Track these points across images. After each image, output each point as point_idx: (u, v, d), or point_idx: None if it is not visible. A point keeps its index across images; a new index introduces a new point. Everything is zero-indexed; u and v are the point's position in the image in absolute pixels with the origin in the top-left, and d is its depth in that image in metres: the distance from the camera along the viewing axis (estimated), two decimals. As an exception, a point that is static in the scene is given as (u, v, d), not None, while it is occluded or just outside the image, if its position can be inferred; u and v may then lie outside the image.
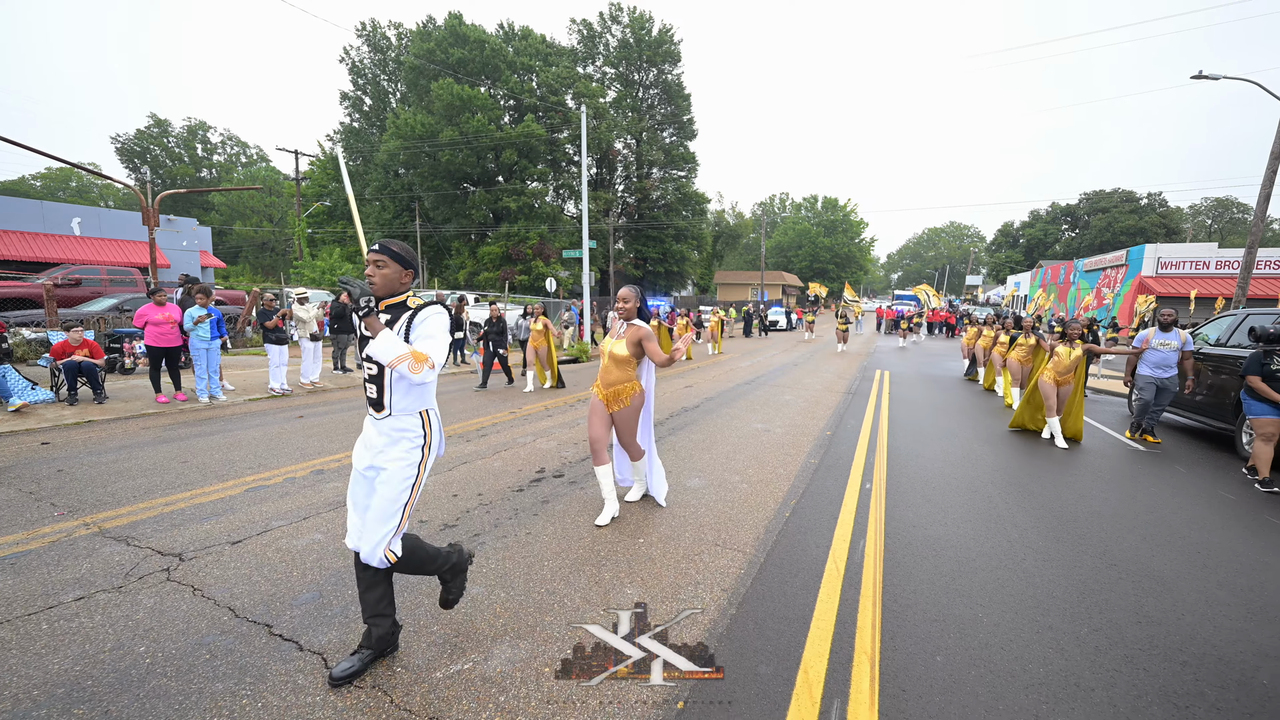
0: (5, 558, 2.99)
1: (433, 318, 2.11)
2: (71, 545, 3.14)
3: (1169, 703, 2.07)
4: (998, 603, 2.78)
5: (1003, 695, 2.09)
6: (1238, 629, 2.60)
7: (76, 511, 3.63)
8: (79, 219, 16.04)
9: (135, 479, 4.32)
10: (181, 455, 4.99)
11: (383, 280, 2.10)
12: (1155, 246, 29.18)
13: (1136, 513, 4.14)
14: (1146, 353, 6.52)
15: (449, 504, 3.96)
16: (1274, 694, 2.14)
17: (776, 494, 4.30)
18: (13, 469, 4.53)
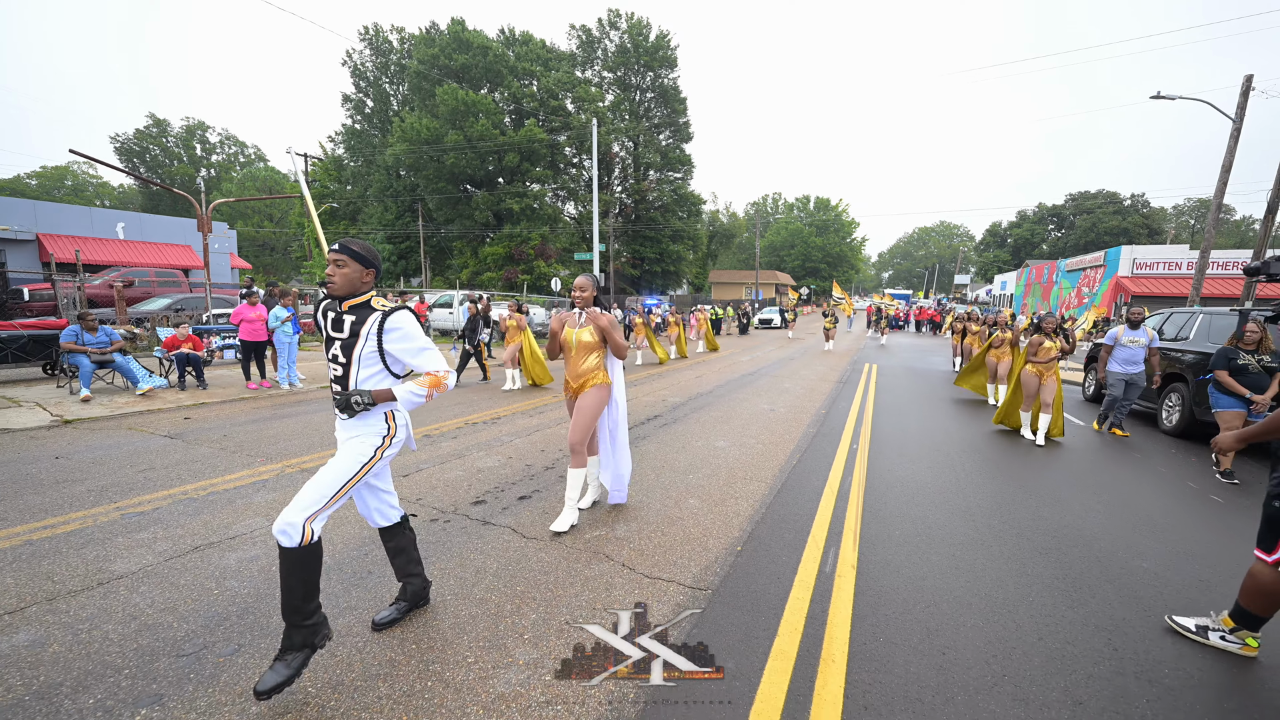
0: (265, 481, 4.20)
1: (406, 326, 2.11)
2: (294, 478, 4.35)
3: (1023, 541, 3.35)
4: (938, 507, 4.05)
5: (932, 543, 3.36)
6: (1085, 513, 3.90)
7: (271, 459, 4.85)
8: (123, 224, 17.07)
9: (289, 441, 5.52)
10: (304, 427, 6.19)
11: (343, 280, 2.08)
12: (1131, 248, 30.77)
13: (1069, 465, 5.45)
14: (1116, 349, 6.66)
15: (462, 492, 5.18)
16: (1094, 539, 3.42)
17: (785, 449, 5.57)
18: (185, 435, 5.71)
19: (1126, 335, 6.61)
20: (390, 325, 2.09)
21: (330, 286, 2.09)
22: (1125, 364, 6.61)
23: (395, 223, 46.41)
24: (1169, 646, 2.43)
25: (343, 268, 2.08)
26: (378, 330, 2.09)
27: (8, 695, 1.95)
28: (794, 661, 2.24)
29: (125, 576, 2.78)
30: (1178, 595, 2.89)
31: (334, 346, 2.14)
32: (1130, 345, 6.57)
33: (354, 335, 2.10)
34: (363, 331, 2.10)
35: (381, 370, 2.15)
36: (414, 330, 2.12)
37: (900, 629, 2.51)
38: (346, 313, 2.12)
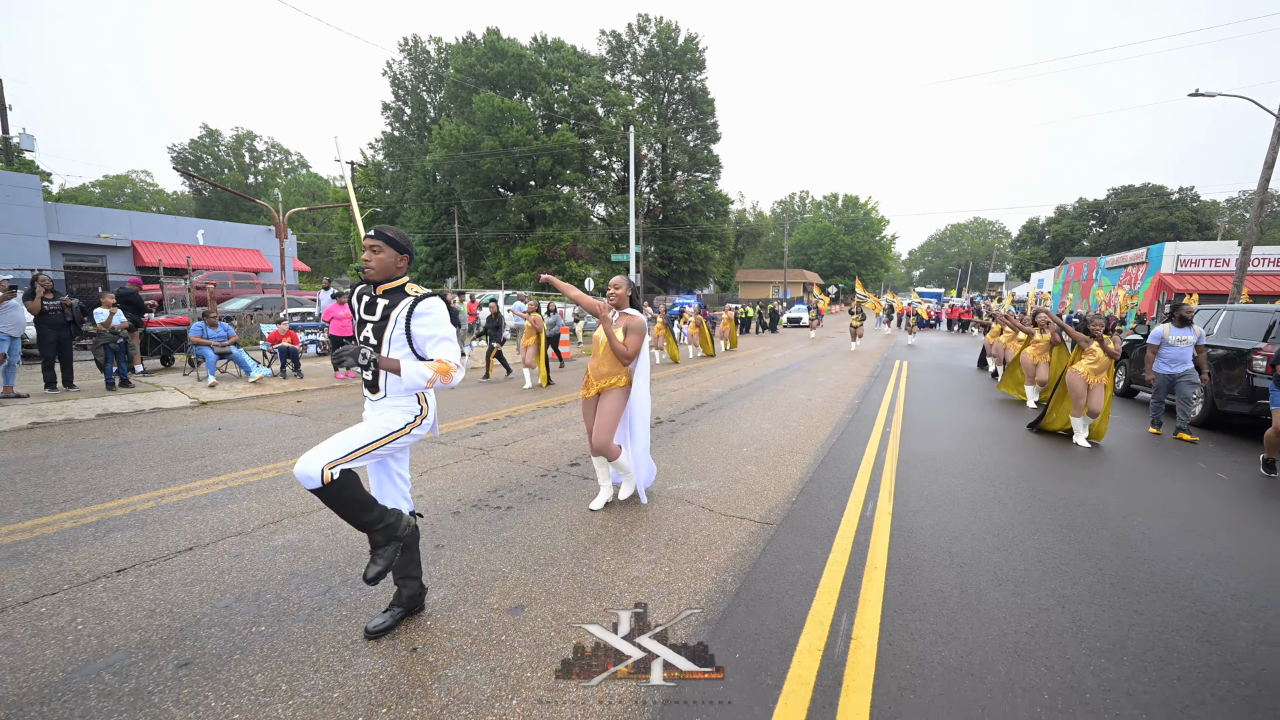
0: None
1: (435, 313, 2.15)
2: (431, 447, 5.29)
3: (1034, 501, 4.00)
4: (962, 476, 4.71)
5: (956, 501, 4.05)
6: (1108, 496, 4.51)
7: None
8: (202, 231, 18.74)
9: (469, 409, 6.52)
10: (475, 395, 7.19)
11: (379, 264, 2.15)
12: (1176, 245, 30.03)
13: (1089, 450, 6.01)
14: (1162, 348, 6.44)
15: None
16: (1108, 516, 4.05)
17: (824, 431, 6.27)
18: (308, 414, 6.76)
19: (1174, 334, 6.35)
20: (421, 309, 2.14)
21: (367, 271, 2.16)
22: (1172, 363, 6.38)
23: (432, 225, 48.23)
24: (1139, 563, 3.09)
25: (378, 253, 2.15)
26: (408, 314, 2.14)
27: (296, 570, 2.87)
28: (845, 569, 3.00)
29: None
30: (1166, 538, 3.53)
31: (365, 329, 2.20)
32: (1178, 344, 6.32)
33: (385, 319, 2.16)
34: (394, 315, 2.15)
35: (409, 355, 2.18)
36: (441, 318, 2.16)
37: (927, 551, 3.23)
38: (380, 296, 2.19)
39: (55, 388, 7.51)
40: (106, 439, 5.44)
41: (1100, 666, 2.22)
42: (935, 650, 2.30)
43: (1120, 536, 3.55)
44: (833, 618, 2.51)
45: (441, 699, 1.96)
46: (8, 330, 6.75)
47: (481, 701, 1.95)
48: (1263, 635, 2.47)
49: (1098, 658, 2.28)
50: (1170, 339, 6.36)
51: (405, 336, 2.16)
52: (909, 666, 2.20)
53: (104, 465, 4.57)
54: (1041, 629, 2.48)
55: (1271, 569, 3.16)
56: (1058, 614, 2.61)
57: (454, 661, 2.16)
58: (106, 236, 17.15)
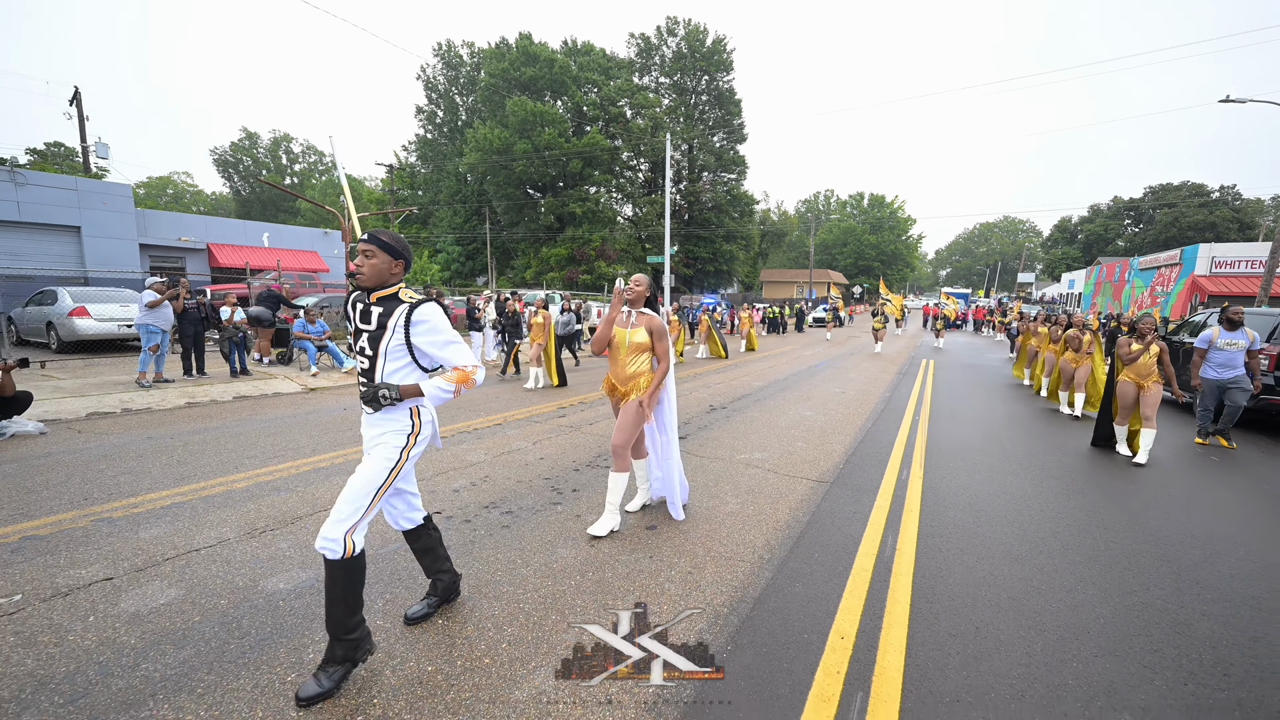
0: (493, 427, 6.18)
1: (433, 319, 2.09)
2: (501, 428, 6.31)
3: (1044, 473, 4.81)
4: (982, 452, 5.54)
5: (976, 469, 4.88)
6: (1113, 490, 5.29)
7: (478, 414, 6.88)
8: (268, 233, 20.30)
9: (481, 406, 7.57)
10: (484, 398, 8.24)
11: (371, 271, 2.07)
12: (1210, 246, 29.70)
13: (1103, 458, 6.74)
14: (1210, 353, 6.17)
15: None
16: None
17: (860, 418, 7.13)
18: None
19: (1223, 338, 6.08)
20: (417, 317, 2.08)
21: (359, 278, 2.09)
22: (1222, 369, 6.07)
23: (463, 225, 49.77)
24: (1119, 508, 3.90)
25: (371, 258, 2.07)
26: (404, 322, 2.07)
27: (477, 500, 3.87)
28: (886, 513, 3.89)
29: (478, 464, 4.74)
30: (1157, 505, 4.33)
31: (361, 339, 2.13)
32: (1227, 348, 6.04)
33: (381, 327, 2.09)
34: (389, 324, 2.07)
35: (409, 364, 2.13)
36: (441, 323, 2.11)
37: (951, 503, 4.11)
38: (374, 304, 2.11)
39: (191, 374, 8.78)
40: (257, 416, 6.60)
41: (1074, 563, 3.09)
42: (957, 558, 3.21)
43: (1110, 492, 4.36)
44: (881, 538, 3.43)
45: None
46: (161, 325, 8.00)
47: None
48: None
49: (1077, 563, 3.15)
50: (1219, 343, 6.07)
51: (405, 345, 2.10)
52: (938, 565, 3.11)
53: (278, 433, 5.70)
54: (1037, 549, 3.35)
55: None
56: (1051, 541, 3.48)
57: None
58: (186, 239, 18.76)
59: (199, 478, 4.23)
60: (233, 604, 2.53)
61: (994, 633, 2.49)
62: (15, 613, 2.41)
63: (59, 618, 2.38)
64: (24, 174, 14.99)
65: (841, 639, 2.41)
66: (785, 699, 2.03)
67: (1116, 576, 3.05)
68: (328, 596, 1.98)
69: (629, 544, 3.27)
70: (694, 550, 3.21)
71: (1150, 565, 3.20)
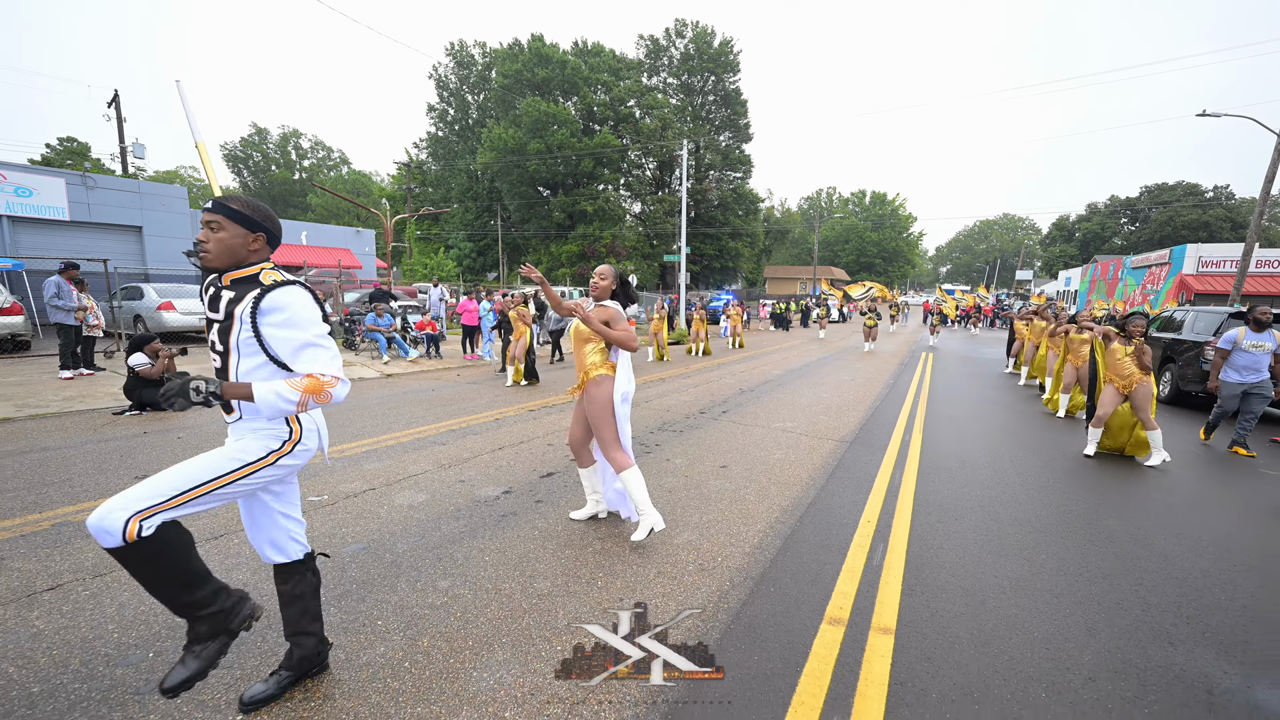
0: (545, 409, 7.45)
1: (291, 308, 1.65)
2: (548, 410, 7.58)
3: (1021, 445, 6.09)
4: (971, 421, 6.82)
5: (966, 434, 6.15)
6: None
7: (535, 397, 8.15)
8: (305, 232, 21.53)
9: (535, 392, 8.84)
10: (550, 381, 9.51)
11: (218, 246, 1.66)
12: (1198, 246, 30.94)
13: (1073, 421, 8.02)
14: (1234, 354, 5.91)
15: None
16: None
17: (869, 399, 8.42)
18: (477, 383, 9.14)
19: (1249, 339, 5.82)
20: (268, 305, 1.64)
21: (204, 257, 1.67)
22: (1245, 371, 5.85)
23: (474, 222, 50.88)
24: (1070, 455, 5.17)
25: (218, 231, 1.66)
26: (251, 310, 1.64)
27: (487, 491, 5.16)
28: (895, 460, 5.17)
29: (513, 445, 6.01)
30: (1124, 482, 5.61)
31: (212, 330, 1.71)
32: (1254, 350, 5.79)
33: (229, 316, 1.67)
34: (238, 312, 1.65)
35: (265, 361, 1.69)
36: (301, 315, 1.66)
37: (943, 456, 5.39)
38: (226, 288, 1.69)
39: (283, 361, 10.06)
40: (365, 395, 7.87)
41: (1030, 487, 4.38)
42: (946, 488, 4.50)
43: (1064, 449, 5.65)
44: (891, 474, 4.73)
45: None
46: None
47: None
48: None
49: (1031, 488, 4.43)
50: (1244, 344, 5.83)
51: (255, 340, 1.67)
52: (937, 483, 4.40)
53: (390, 410, 6.97)
54: (1002, 480, 4.64)
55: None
56: (1014, 476, 4.77)
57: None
58: (233, 238, 20.01)
59: (338, 442, 5.51)
60: (452, 498, 3.82)
61: (969, 522, 3.78)
62: (329, 505, 3.70)
63: (360, 506, 3.67)
64: (94, 178, 16.19)
65: (868, 523, 3.70)
66: (838, 548, 3.31)
67: (1056, 494, 4.34)
68: (142, 582, 1.59)
69: (701, 483, 4.56)
70: (766, 477, 4.51)
71: (1078, 493, 4.49)
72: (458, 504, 3.83)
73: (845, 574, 3.03)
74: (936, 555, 3.30)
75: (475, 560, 3.04)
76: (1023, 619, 2.66)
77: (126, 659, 2.15)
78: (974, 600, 2.82)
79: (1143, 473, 5.12)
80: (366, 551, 3.11)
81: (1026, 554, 3.36)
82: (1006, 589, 2.94)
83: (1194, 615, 2.75)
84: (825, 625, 2.53)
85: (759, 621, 2.55)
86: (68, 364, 7.85)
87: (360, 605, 2.57)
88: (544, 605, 2.62)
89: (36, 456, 4.60)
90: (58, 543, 3.10)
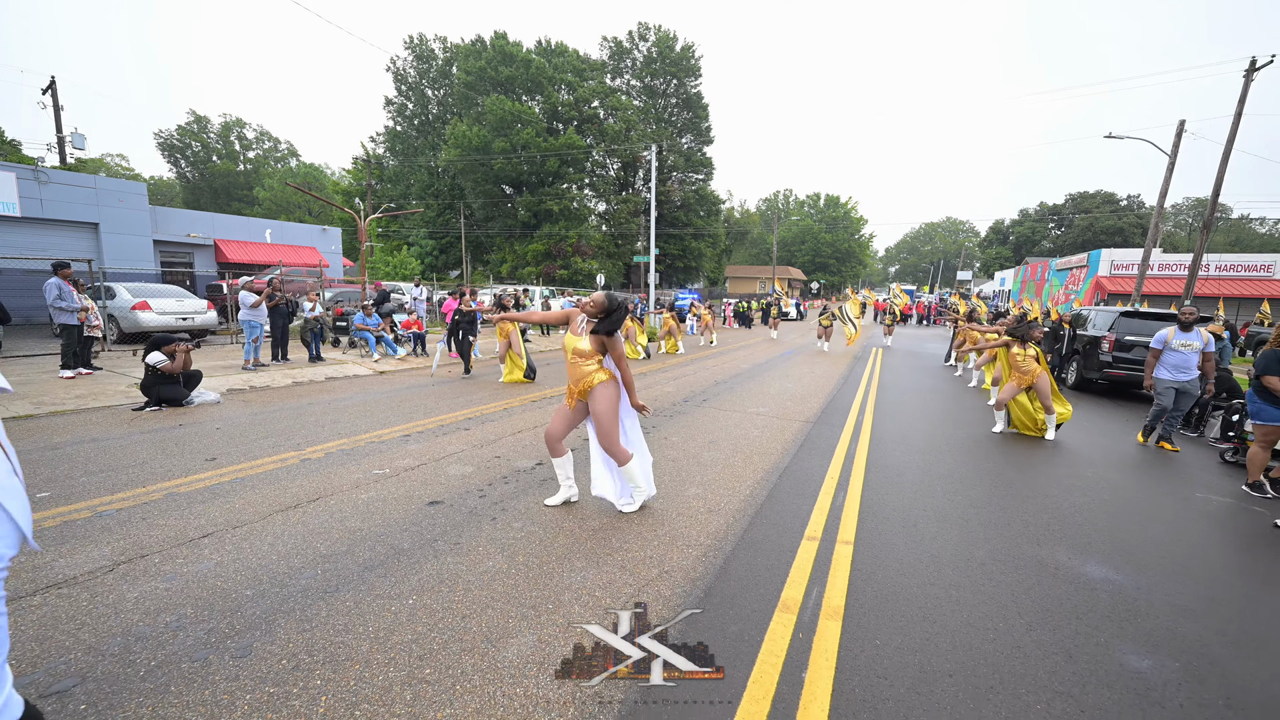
0: (530, 404, 8.21)
1: None
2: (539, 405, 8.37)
3: (950, 422, 7.32)
4: (912, 402, 8.05)
5: (904, 409, 7.34)
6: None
7: (516, 395, 8.89)
8: (270, 230, 21.18)
9: (518, 388, 9.57)
10: (545, 377, 10.23)
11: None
12: (1110, 251, 34.34)
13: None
14: (1165, 354, 6.13)
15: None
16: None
17: (829, 387, 9.58)
18: (478, 378, 9.77)
19: (1178, 339, 6.07)
20: None
21: None
22: (1176, 370, 6.09)
23: (436, 220, 50.20)
24: (985, 424, 6.39)
25: None
26: None
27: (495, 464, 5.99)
28: (850, 435, 6.25)
29: (531, 429, 6.81)
30: (1025, 450, 6.87)
31: None
32: (1182, 349, 6.04)
33: None
34: None
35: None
36: None
37: (889, 432, 6.52)
38: None
39: (277, 360, 10.33)
40: (363, 391, 8.39)
41: (956, 460, 5.53)
42: (891, 454, 5.60)
43: (986, 427, 6.90)
44: (847, 446, 5.79)
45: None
46: (262, 320, 9.56)
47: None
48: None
49: (960, 464, 5.58)
50: (1174, 344, 6.09)
51: None
52: (885, 451, 5.47)
53: (404, 403, 7.56)
54: (935, 454, 5.78)
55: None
56: (945, 451, 5.93)
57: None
58: (195, 235, 19.51)
59: (361, 430, 6.15)
60: (495, 468, 4.59)
61: (909, 477, 4.86)
62: (393, 476, 4.40)
63: (420, 476, 4.39)
64: (47, 173, 15.61)
65: (831, 479, 4.72)
66: (809, 494, 4.30)
67: (975, 458, 5.50)
68: None
69: (688, 453, 5.48)
70: (749, 450, 5.47)
71: (991, 457, 5.67)
72: (502, 472, 4.60)
73: (817, 510, 4.01)
74: (882, 498, 4.34)
75: (535, 509, 3.85)
76: (942, 533, 3.71)
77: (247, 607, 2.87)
78: (908, 524, 3.86)
79: (1040, 443, 6.40)
80: (443, 506, 3.86)
81: (948, 496, 4.45)
82: (931, 518, 3.99)
83: (1058, 530, 3.88)
84: (805, 541, 3.50)
85: (759, 540, 3.49)
86: (69, 363, 8.01)
87: (460, 538, 3.35)
88: (600, 535, 3.47)
89: (91, 446, 5.04)
90: (208, 499, 3.70)
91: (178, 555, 3.04)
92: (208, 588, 2.72)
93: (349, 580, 2.83)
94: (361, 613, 2.56)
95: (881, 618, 2.71)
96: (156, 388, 6.92)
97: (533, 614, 2.61)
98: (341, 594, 2.70)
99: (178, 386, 7.02)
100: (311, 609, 2.58)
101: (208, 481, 4.17)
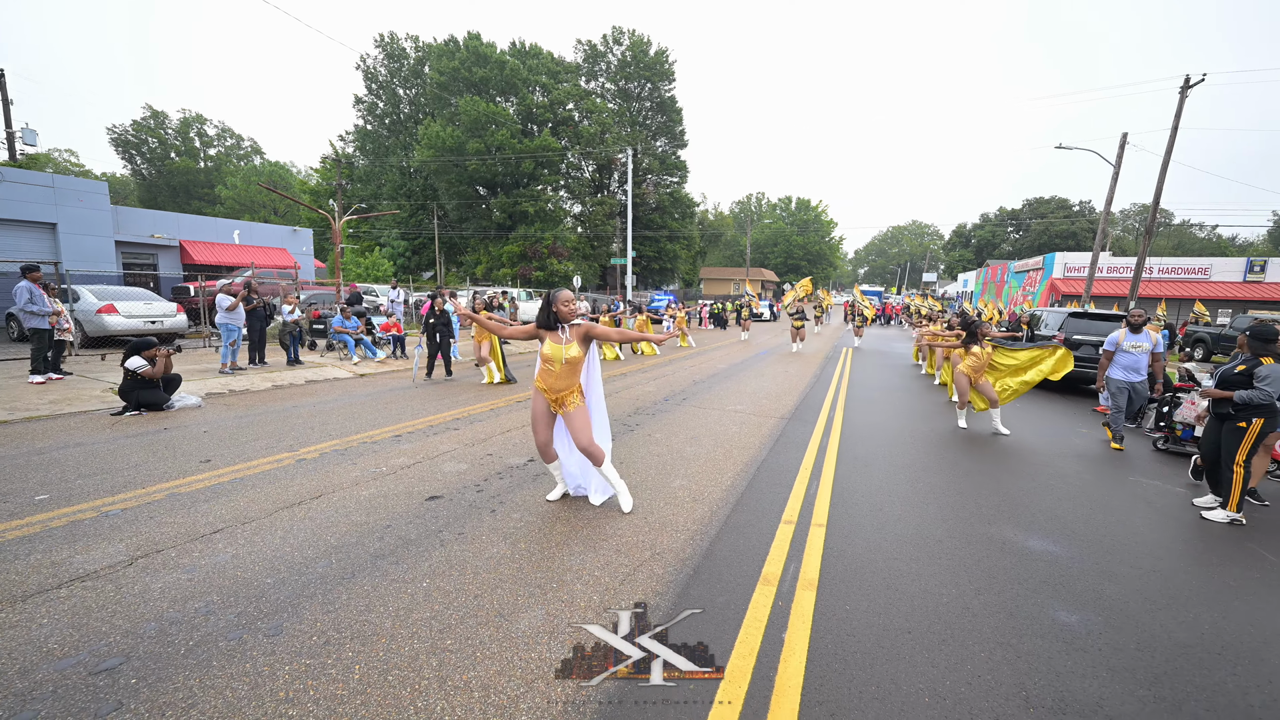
0: (514, 404, 8.41)
1: None
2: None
3: (915, 408, 7.82)
4: (880, 392, 8.54)
5: (874, 403, 7.80)
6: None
7: (502, 395, 9.09)
8: (238, 230, 20.67)
9: (501, 389, 9.75)
10: (485, 376, 10.40)
11: None
12: (1064, 255, 36.17)
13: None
14: (1117, 355, 6.35)
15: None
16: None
17: (802, 385, 10.03)
18: (460, 380, 9.87)
19: (1128, 340, 6.29)
20: None
21: None
22: (1127, 371, 6.32)
23: (409, 220, 49.46)
24: (947, 418, 6.88)
25: None
26: None
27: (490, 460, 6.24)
28: (823, 429, 6.65)
29: (519, 428, 7.04)
30: (982, 442, 7.39)
31: None
32: (1133, 351, 6.25)
33: None
34: None
35: None
36: None
37: (859, 424, 6.95)
38: None
39: (255, 364, 10.23)
40: (344, 393, 8.44)
41: (919, 451, 5.96)
42: (860, 446, 6.00)
43: (949, 422, 7.40)
44: (820, 440, 6.18)
45: (689, 454, 5.46)
46: (239, 323, 9.47)
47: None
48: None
49: (922, 454, 6.02)
50: (1125, 345, 6.31)
51: None
52: (854, 444, 5.87)
53: (390, 405, 7.66)
54: (900, 446, 6.21)
55: (1006, 431, 7.06)
56: (909, 443, 6.38)
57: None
58: (159, 236, 18.92)
59: (351, 432, 6.27)
60: (489, 465, 4.80)
61: (876, 467, 5.26)
62: (390, 474, 4.57)
63: (417, 473, 4.57)
64: (2, 171, 14.98)
65: (805, 469, 5.08)
66: (786, 483, 4.63)
67: (936, 448, 5.95)
68: None
69: (667, 454, 5.79)
70: (729, 444, 5.80)
71: (950, 448, 6.14)
72: (496, 468, 4.81)
73: (792, 497, 4.36)
74: (852, 485, 4.72)
75: (531, 502, 4.08)
76: (905, 515, 4.09)
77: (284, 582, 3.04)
78: (875, 508, 4.23)
79: (995, 438, 6.93)
80: (444, 500, 4.05)
81: (910, 483, 4.86)
82: (896, 502, 4.38)
83: (1008, 510, 4.31)
84: (782, 524, 3.83)
85: (740, 524, 3.80)
86: (39, 368, 7.83)
87: (464, 529, 3.56)
88: (595, 523, 3.73)
89: (77, 450, 5.04)
90: (205, 498, 3.81)
91: (193, 549, 3.18)
92: (229, 577, 2.88)
93: (363, 568, 3.03)
94: (380, 595, 2.76)
95: (850, 587, 3.05)
96: (136, 392, 6.87)
97: (539, 592, 2.85)
98: (359, 579, 2.90)
99: (158, 391, 6.98)
100: (332, 593, 2.77)
101: (207, 482, 4.26)
